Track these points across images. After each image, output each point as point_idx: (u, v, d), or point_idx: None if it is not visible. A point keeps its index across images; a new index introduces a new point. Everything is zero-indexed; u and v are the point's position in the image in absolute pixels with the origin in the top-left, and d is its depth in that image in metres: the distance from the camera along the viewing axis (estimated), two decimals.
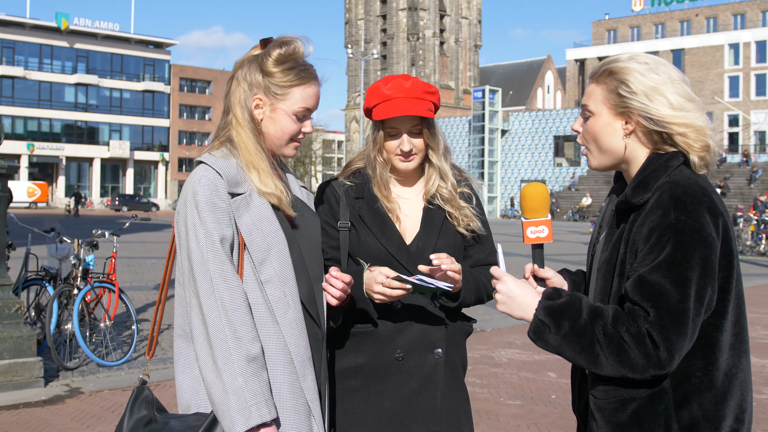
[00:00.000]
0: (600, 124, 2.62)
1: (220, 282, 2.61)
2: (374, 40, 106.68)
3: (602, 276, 2.58)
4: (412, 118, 3.20)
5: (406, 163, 3.27)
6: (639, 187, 2.51)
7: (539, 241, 2.76)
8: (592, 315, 2.37)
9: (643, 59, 2.59)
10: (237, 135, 2.84)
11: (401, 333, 3.22)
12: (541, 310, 2.43)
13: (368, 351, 3.23)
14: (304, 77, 2.86)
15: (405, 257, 3.22)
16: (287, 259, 2.76)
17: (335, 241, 3.30)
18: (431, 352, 3.22)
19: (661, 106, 2.49)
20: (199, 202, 2.66)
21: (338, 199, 3.33)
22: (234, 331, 2.58)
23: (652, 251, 2.36)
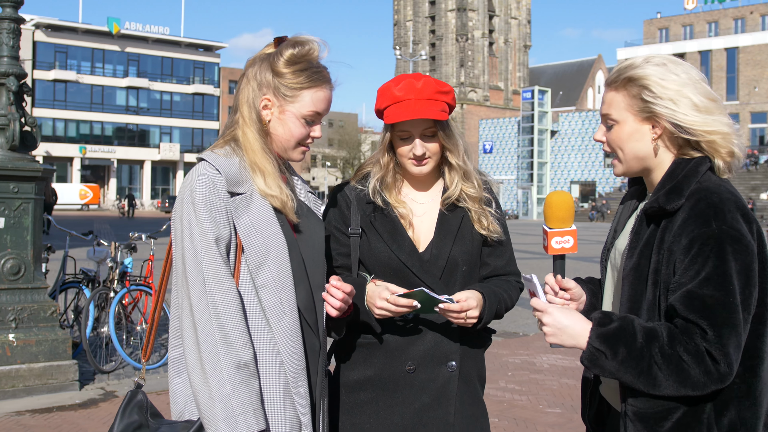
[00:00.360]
0: (626, 131, 2.57)
1: (214, 283, 2.51)
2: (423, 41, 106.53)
3: (630, 283, 2.51)
4: (424, 121, 3.04)
5: (420, 168, 3.11)
6: (673, 193, 2.45)
7: (564, 252, 2.67)
8: (648, 337, 2.33)
9: (659, 60, 2.54)
10: (243, 135, 2.75)
11: (412, 344, 3.06)
12: (595, 338, 2.39)
13: (377, 363, 3.07)
14: (315, 80, 2.76)
15: (417, 265, 3.06)
16: (286, 264, 2.65)
17: (345, 248, 3.16)
18: (444, 364, 3.06)
19: (687, 109, 2.45)
20: (196, 199, 2.56)
21: (349, 204, 3.18)
22: (224, 336, 2.48)
23: (695, 263, 2.33)
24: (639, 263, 2.48)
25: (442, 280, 3.07)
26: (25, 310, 7.86)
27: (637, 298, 2.48)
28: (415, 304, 2.85)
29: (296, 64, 2.73)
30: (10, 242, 7.87)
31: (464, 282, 3.11)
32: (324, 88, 2.78)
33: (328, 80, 2.80)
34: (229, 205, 2.59)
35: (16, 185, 7.87)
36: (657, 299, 2.43)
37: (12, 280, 7.85)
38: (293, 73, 2.73)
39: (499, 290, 3.10)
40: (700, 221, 2.35)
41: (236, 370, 2.46)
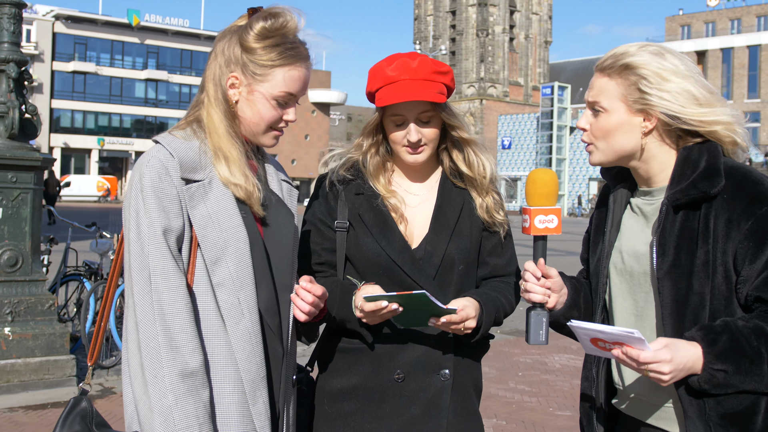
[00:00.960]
0: (614, 120, 2.37)
1: (160, 280, 2.23)
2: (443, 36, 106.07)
3: (672, 282, 2.31)
4: (419, 104, 2.74)
5: (415, 156, 2.82)
6: (713, 175, 2.27)
7: (547, 232, 2.44)
8: (759, 337, 2.20)
9: (656, 50, 2.37)
10: (207, 116, 2.46)
11: (402, 350, 2.77)
12: (714, 361, 2.20)
13: (363, 370, 2.79)
14: (289, 57, 2.46)
15: (408, 263, 2.77)
16: (246, 261, 2.36)
17: (330, 243, 2.87)
18: (437, 373, 2.78)
19: (687, 102, 2.28)
20: (144, 186, 2.29)
21: (337, 195, 2.88)
22: (169, 340, 2.20)
23: (765, 245, 2.20)
24: (678, 259, 2.29)
25: (437, 280, 2.79)
26: (21, 303, 7.65)
27: (682, 297, 2.29)
28: (395, 306, 2.56)
29: (268, 38, 2.44)
30: (7, 233, 7.66)
31: (461, 283, 2.84)
32: (299, 66, 2.49)
33: (304, 57, 2.51)
34: (183, 193, 2.32)
35: (14, 174, 7.66)
36: (709, 294, 2.26)
37: (9, 272, 7.64)
38: (264, 49, 2.44)
39: (497, 295, 2.83)
40: (758, 201, 2.22)
41: (181, 378, 2.20)
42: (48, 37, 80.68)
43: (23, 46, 7.98)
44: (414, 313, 2.60)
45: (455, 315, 2.60)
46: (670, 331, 2.31)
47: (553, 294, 2.51)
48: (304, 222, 2.95)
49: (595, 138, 2.43)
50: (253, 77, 2.45)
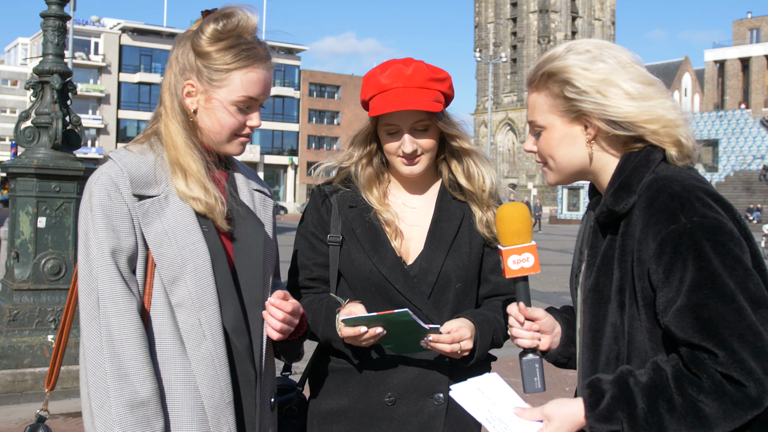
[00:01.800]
0: (555, 137, 2.16)
1: (109, 304, 2.12)
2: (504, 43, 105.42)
3: (590, 308, 2.08)
4: (414, 113, 2.62)
5: (411, 167, 2.69)
6: (621, 191, 2.02)
7: (524, 273, 2.25)
8: (650, 397, 1.90)
9: (583, 47, 2.12)
10: (165, 128, 2.34)
11: (393, 372, 2.63)
12: (594, 423, 1.96)
13: (352, 392, 2.66)
14: (246, 58, 2.32)
15: (401, 281, 2.63)
16: (207, 279, 2.23)
17: (323, 258, 2.75)
18: (430, 396, 2.63)
19: (617, 100, 2.02)
20: (93, 204, 2.18)
21: (329, 208, 2.76)
22: (117, 368, 2.08)
23: (674, 269, 1.89)
24: (598, 282, 2.08)
25: (432, 298, 2.66)
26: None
27: (598, 326, 2.08)
28: (378, 330, 2.43)
29: (221, 41, 2.31)
30: (51, 242, 7.78)
31: (457, 302, 2.69)
32: (257, 67, 2.35)
33: (262, 58, 2.37)
34: (136, 210, 2.20)
35: (57, 184, 7.77)
36: (623, 325, 2.02)
37: (53, 281, 7.76)
38: (219, 52, 2.31)
39: (495, 316, 2.67)
40: (665, 217, 1.94)
41: (128, 409, 2.08)
42: (115, 50, 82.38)
43: (91, 59, 8.08)
44: (402, 337, 2.47)
45: (445, 335, 2.46)
46: (586, 363, 2.13)
47: (544, 336, 2.34)
48: (296, 235, 2.85)
49: (544, 158, 2.25)
50: (210, 83, 2.32)
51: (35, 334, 7.63)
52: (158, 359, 2.19)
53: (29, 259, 7.74)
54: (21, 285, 7.68)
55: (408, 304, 2.60)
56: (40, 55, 8.10)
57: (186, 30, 2.42)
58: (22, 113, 8.00)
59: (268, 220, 2.50)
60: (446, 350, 2.49)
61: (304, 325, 2.51)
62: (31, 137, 7.86)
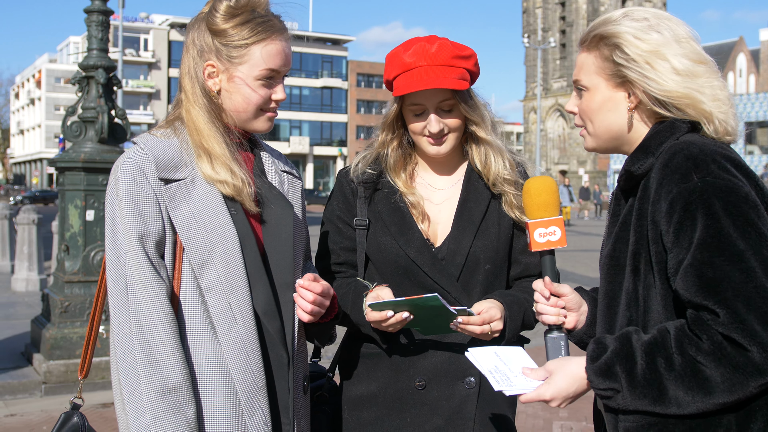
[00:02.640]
0: (597, 99, 2.11)
1: (138, 290, 2.10)
2: (552, 28, 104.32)
3: (605, 275, 2.06)
4: (440, 92, 2.58)
5: (437, 147, 2.65)
6: (639, 152, 1.99)
7: (550, 246, 2.20)
8: (650, 354, 1.84)
9: (641, 14, 2.06)
10: (186, 113, 2.32)
11: (423, 356, 2.60)
12: (592, 377, 1.93)
13: (382, 377, 2.63)
14: (263, 31, 2.30)
15: (428, 263, 2.60)
16: (237, 262, 2.20)
17: (350, 242, 2.73)
18: (461, 380, 2.59)
19: (663, 74, 1.97)
20: (119, 190, 2.17)
21: (355, 192, 2.74)
22: (148, 354, 2.07)
23: (683, 228, 1.84)
24: (615, 248, 2.05)
25: (461, 281, 2.62)
26: None
27: (613, 293, 2.04)
28: (405, 315, 2.40)
29: (236, 16, 2.29)
30: (100, 234, 7.90)
31: (487, 283, 2.65)
32: (276, 39, 2.33)
33: (279, 29, 2.34)
34: (163, 194, 2.18)
35: (104, 177, 7.87)
36: (636, 292, 1.97)
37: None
38: (235, 28, 2.28)
39: (524, 296, 2.62)
40: (678, 177, 1.88)
41: (160, 395, 2.07)
42: (164, 46, 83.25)
43: (141, 55, 8.19)
44: (431, 320, 2.44)
45: (475, 317, 2.43)
46: (601, 331, 2.09)
47: (570, 313, 2.28)
48: (323, 220, 2.85)
49: (584, 121, 2.20)
50: (230, 61, 2.30)
51: (86, 325, 7.72)
52: (189, 344, 2.18)
53: (79, 251, 7.86)
54: (71, 277, 7.81)
55: (436, 287, 2.58)
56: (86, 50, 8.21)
57: (198, 13, 2.39)
58: (69, 108, 8.12)
59: (297, 202, 2.47)
60: (476, 332, 2.45)
61: (335, 308, 2.48)
62: (77, 131, 7.98)
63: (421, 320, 2.44)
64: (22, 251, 14.12)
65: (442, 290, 2.57)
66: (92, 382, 7.58)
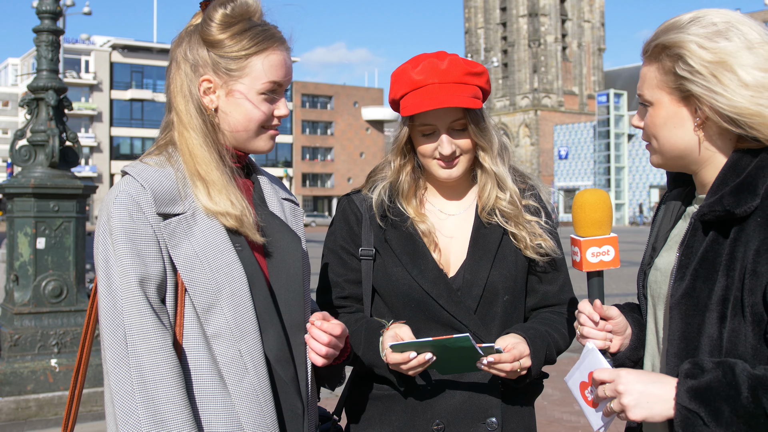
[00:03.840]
0: (661, 115, 1.93)
1: (138, 341, 1.86)
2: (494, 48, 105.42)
3: (682, 315, 1.86)
4: (452, 111, 2.38)
5: (449, 171, 2.46)
6: (743, 192, 1.78)
7: (602, 267, 2.03)
8: (755, 388, 1.67)
9: (710, 19, 1.85)
10: (179, 136, 2.08)
11: (440, 397, 2.40)
12: (684, 395, 1.73)
13: (396, 421, 2.42)
14: (263, 40, 2.08)
15: (444, 295, 2.39)
16: (246, 304, 1.97)
17: (355, 274, 2.51)
18: (482, 422, 2.40)
19: (731, 88, 1.77)
20: (113, 227, 1.91)
21: (360, 219, 2.53)
22: (153, 414, 1.83)
23: None
24: (694, 287, 1.86)
25: (478, 313, 2.42)
26: (67, 333, 7.53)
27: (692, 336, 1.85)
28: (428, 356, 2.20)
29: (233, 25, 2.07)
30: (51, 263, 7.55)
31: (506, 316, 2.46)
32: (277, 49, 2.11)
33: (280, 39, 2.13)
34: (162, 230, 1.94)
35: (56, 203, 7.55)
36: (721, 338, 1.79)
37: (54, 303, 7.54)
38: (233, 38, 2.06)
39: (547, 329, 2.44)
40: None
41: None
42: (106, 67, 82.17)
43: (82, 77, 7.89)
44: (454, 360, 2.24)
45: (506, 354, 2.24)
46: (672, 375, 1.86)
47: (616, 337, 2.12)
48: (324, 251, 2.63)
49: (648, 137, 2.03)
50: (229, 74, 2.08)
51: (38, 359, 7.40)
52: (196, 398, 1.95)
53: (29, 281, 7.51)
54: (21, 309, 7.45)
55: (453, 321, 2.39)
56: (33, 72, 7.89)
57: (186, 26, 2.16)
58: (17, 132, 7.77)
59: (301, 232, 2.24)
60: (507, 369, 2.26)
61: (348, 348, 2.26)
62: (27, 156, 7.64)
63: (443, 360, 2.24)
64: None
65: (459, 323, 2.39)
66: (44, 419, 7.22)
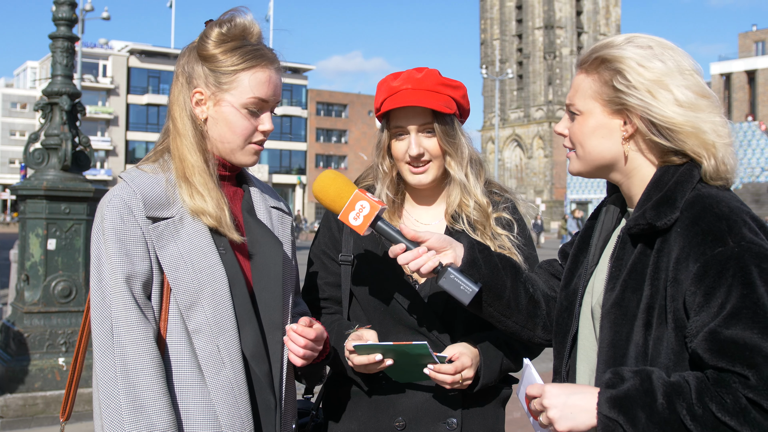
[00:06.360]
0: (590, 124, 2.06)
1: (123, 332, 2.04)
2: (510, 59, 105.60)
3: (611, 324, 1.97)
4: (421, 115, 2.54)
5: (418, 176, 2.61)
6: (664, 205, 1.91)
7: (370, 219, 2.21)
8: (671, 395, 1.78)
9: (645, 42, 2.02)
10: (173, 142, 2.28)
11: (403, 396, 2.55)
12: (604, 404, 1.83)
13: (362, 416, 2.58)
14: (252, 58, 2.27)
15: (410, 301, 2.54)
16: (225, 303, 2.15)
17: (334, 277, 2.68)
18: (442, 421, 2.54)
19: (665, 103, 1.93)
20: (106, 228, 2.10)
21: (341, 227, 2.69)
22: (133, 400, 2.00)
23: (714, 294, 1.79)
24: (623, 297, 1.97)
25: (443, 320, 2.57)
26: (75, 333, 7.70)
27: (620, 344, 1.96)
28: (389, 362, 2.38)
29: (227, 42, 2.27)
30: (61, 264, 7.74)
31: (468, 322, 2.59)
32: (265, 67, 2.30)
33: (270, 59, 2.32)
34: (150, 232, 2.13)
35: (67, 206, 7.74)
36: (647, 345, 1.91)
37: (63, 303, 7.71)
38: (224, 54, 2.26)
39: (504, 339, 2.55)
40: (711, 239, 1.84)
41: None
42: (123, 72, 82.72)
43: (100, 81, 8.09)
44: (410, 366, 2.40)
45: (446, 365, 2.38)
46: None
47: (444, 253, 2.27)
48: (309, 255, 2.80)
49: (573, 144, 2.16)
50: (218, 87, 2.27)
51: (46, 358, 7.58)
52: (175, 388, 2.12)
53: (39, 281, 7.69)
54: (31, 308, 7.63)
55: (417, 326, 2.54)
56: (49, 77, 8.09)
57: (189, 43, 2.37)
58: (32, 135, 7.98)
59: (287, 238, 2.43)
60: (447, 381, 2.41)
61: (327, 348, 2.42)
62: (40, 159, 7.83)
63: (400, 365, 2.41)
64: None
65: (423, 329, 2.54)
66: (51, 416, 7.39)
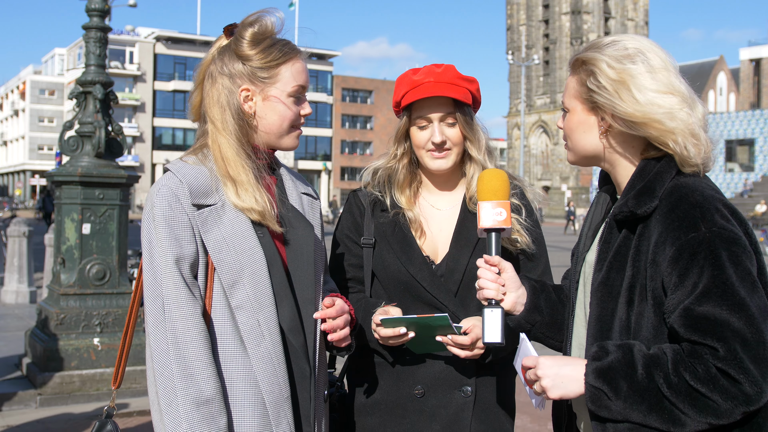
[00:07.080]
0: (574, 120, 2.29)
1: (174, 309, 2.27)
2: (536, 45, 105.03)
3: (598, 301, 2.19)
4: (443, 105, 2.78)
5: (440, 161, 2.83)
6: (644, 195, 2.12)
7: (497, 225, 2.38)
8: (649, 366, 1.99)
9: (624, 44, 2.20)
10: (213, 143, 2.49)
11: (422, 366, 2.78)
12: (590, 374, 2.07)
13: (384, 385, 2.82)
14: (288, 52, 2.53)
15: (428, 279, 2.77)
16: (264, 281, 2.38)
17: (358, 259, 2.91)
18: (458, 389, 2.76)
19: (626, 102, 2.12)
20: (156, 215, 2.34)
21: (363, 212, 2.93)
22: (183, 368, 2.24)
23: (688, 275, 1.99)
24: (608, 277, 2.18)
25: (458, 296, 2.79)
26: (109, 314, 7.97)
27: (606, 319, 2.17)
28: (410, 334, 2.60)
29: (262, 41, 2.51)
30: (95, 248, 8.00)
31: None
32: (298, 58, 2.56)
33: (299, 50, 2.58)
34: (196, 218, 2.36)
35: (101, 192, 7.99)
36: (629, 320, 2.12)
37: (97, 285, 7.98)
38: (263, 52, 2.50)
39: None
40: (686, 225, 2.03)
41: (195, 406, 2.24)
42: (149, 59, 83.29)
43: (126, 67, 8.31)
44: (428, 338, 2.61)
45: (464, 337, 2.58)
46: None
47: (509, 292, 2.42)
48: (334, 238, 3.02)
49: (566, 137, 2.37)
50: (263, 82, 2.50)
51: (81, 338, 7.85)
52: (220, 359, 2.34)
53: (75, 264, 7.96)
54: (67, 290, 7.90)
55: (435, 301, 2.75)
56: (78, 66, 8.33)
57: (209, 51, 2.58)
58: (66, 123, 8.21)
59: (317, 222, 2.64)
60: (463, 351, 2.61)
61: (354, 320, 2.65)
62: (75, 146, 8.08)
63: (421, 337, 2.62)
64: (12, 263, 14.19)
65: (440, 304, 2.74)
66: (87, 394, 7.67)
